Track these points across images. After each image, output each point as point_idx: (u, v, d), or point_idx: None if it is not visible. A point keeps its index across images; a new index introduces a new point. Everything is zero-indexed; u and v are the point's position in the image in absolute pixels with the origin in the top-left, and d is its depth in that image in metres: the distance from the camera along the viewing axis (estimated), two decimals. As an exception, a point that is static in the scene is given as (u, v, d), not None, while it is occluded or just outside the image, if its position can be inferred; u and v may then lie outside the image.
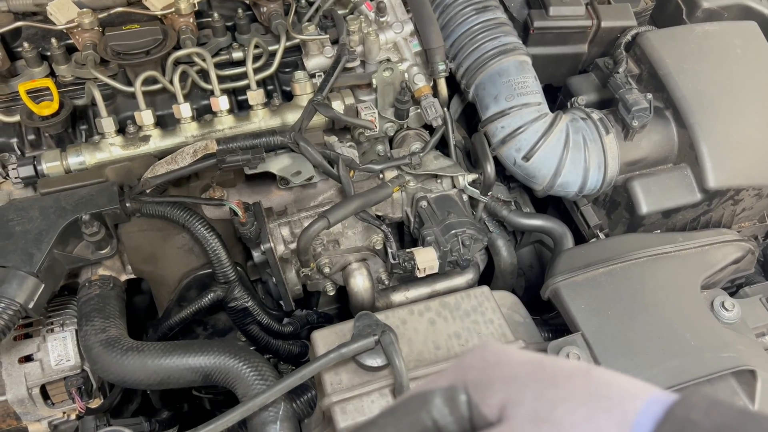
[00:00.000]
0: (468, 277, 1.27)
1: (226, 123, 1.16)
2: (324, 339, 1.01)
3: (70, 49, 1.23)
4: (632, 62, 1.28)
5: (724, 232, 1.16)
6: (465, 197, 1.22)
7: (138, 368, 0.99)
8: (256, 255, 1.08)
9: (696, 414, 0.33)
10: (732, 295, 1.20)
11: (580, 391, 0.37)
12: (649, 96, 1.17)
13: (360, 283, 1.16)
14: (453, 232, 1.14)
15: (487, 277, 1.36)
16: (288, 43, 1.25)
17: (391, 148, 1.33)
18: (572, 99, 1.23)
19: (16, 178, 1.10)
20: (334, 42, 1.24)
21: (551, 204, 1.43)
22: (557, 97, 1.40)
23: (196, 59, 1.17)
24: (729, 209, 1.24)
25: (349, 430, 0.90)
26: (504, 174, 1.29)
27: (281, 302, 1.18)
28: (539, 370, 0.39)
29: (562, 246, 1.19)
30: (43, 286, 1.00)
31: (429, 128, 1.31)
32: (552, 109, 1.23)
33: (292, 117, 1.18)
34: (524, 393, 0.38)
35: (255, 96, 1.17)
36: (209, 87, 1.16)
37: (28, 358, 1.09)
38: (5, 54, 1.20)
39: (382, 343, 0.93)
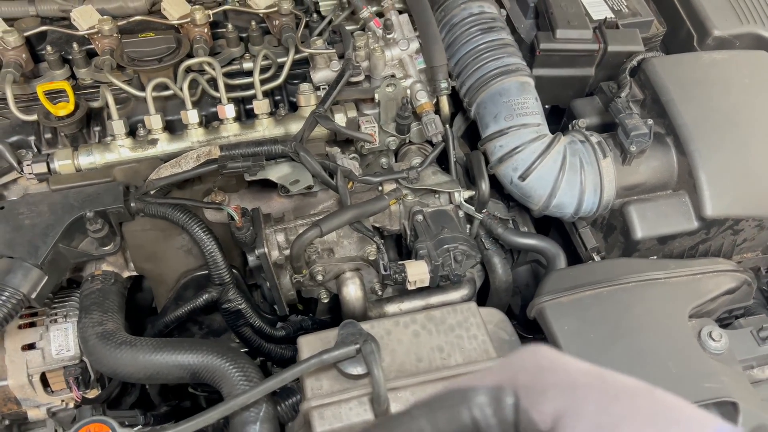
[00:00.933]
0: (463, 292, 1.28)
1: (231, 130, 1.20)
2: (309, 344, 1.03)
3: (91, 54, 1.29)
4: (637, 87, 1.28)
5: (719, 262, 1.15)
6: (461, 213, 1.24)
7: (129, 362, 1.03)
8: (251, 259, 1.11)
9: None
10: (726, 326, 1.19)
11: (647, 410, 0.34)
12: (650, 122, 1.17)
13: (352, 292, 1.18)
14: (445, 246, 1.15)
15: (484, 294, 1.37)
16: (297, 56, 1.29)
17: (396, 162, 1.36)
18: (573, 121, 1.24)
19: (30, 174, 1.16)
20: (342, 56, 1.28)
21: (553, 225, 1.43)
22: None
23: (207, 68, 1.21)
24: (729, 239, 1.23)
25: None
26: (503, 193, 1.31)
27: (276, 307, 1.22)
28: (601, 382, 0.37)
29: (554, 266, 1.19)
30: (47, 277, 1.05)
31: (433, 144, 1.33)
32: (558, 131, 1.24)
33: (295, 127, 1.22)
34: (586, 404, 0.35)
35: (260, 105, 1.21)
36: (218, 95, 1.20)
37: (30, 346, 1.14)
38: (29, 56, 1.26)
39: (363, 352, 0.95)
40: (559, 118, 1.43)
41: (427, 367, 1.00)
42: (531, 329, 1.27)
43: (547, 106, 1.48)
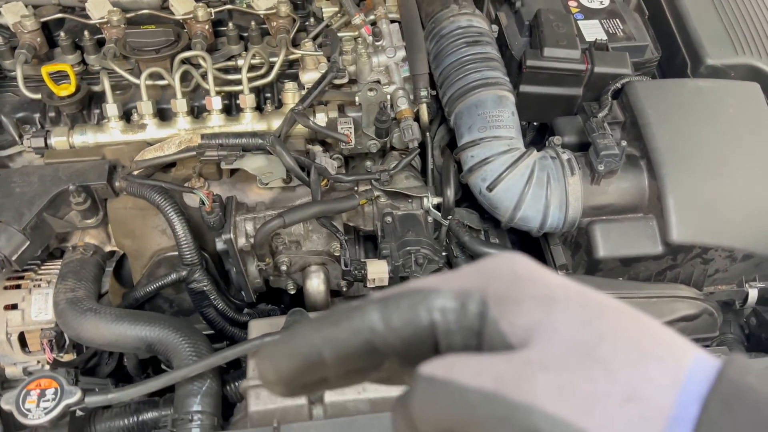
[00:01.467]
0: (431, 298, 1.30)
1: (216, 121, 1.27)
2: (258, 328, 1.08)
3: (101, 42, 1.38)
4: (619, 110, 1.29)
5: (679, 288, 1.14)
6: (430, 219, 1.26)
7: (92, 328, 1.09)
8: (218, 244, 1.17)
9: (753, 379, 0.29)
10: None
11: (632, 330, 0.30)
12: (623, 143, 1.17)
13: (315, 285, 1.22)
14: (408, 249, 1.19)
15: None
16: (290, 57, 1.35)
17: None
18: (548, 138, 1.25)
19: (29, 147, 1.25)
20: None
21: (532, 242, 1.44)
22: (551, 136, 1.42)
23: (201, 61, 1.29)
24: (699, 268, 1.22)
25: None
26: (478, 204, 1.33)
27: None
28: (584, 297, 0.32)
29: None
30: (29, 242, 1.13)
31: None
32: (533, 147, 1.26)
33: (277, 123, 1.27)
34: (564, 319, 0.31)
35: (246, 100, 1.27)
36: (208, 87, 1.27)
37: (13, 306, 1.22)
38: (44, 40, 1.36)
39: (303, 339, 0.99)
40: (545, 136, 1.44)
41: (367, 361, 1.03)
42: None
43: (535, 123, 1.50)
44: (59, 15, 1.37)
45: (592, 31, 1.42)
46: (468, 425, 0.30)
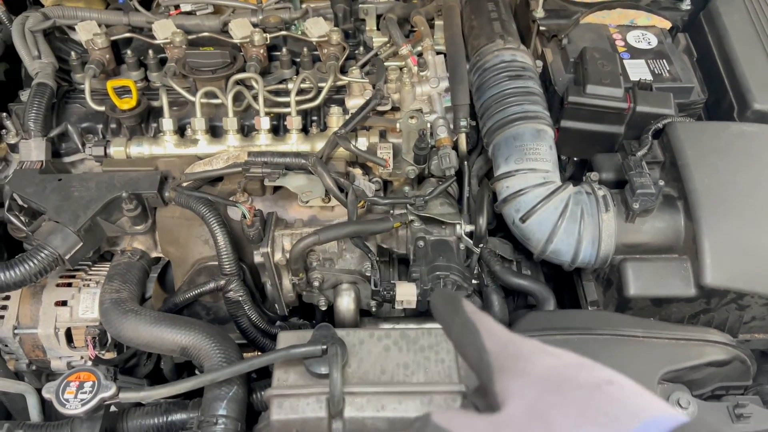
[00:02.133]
0: (460, 325, 1.32)
1: (264, 140, 1.33)
2: (286, 339, 1.11)
3: (163, 61, 1.48)
4: (659, 150, 1.29)
5: (710, 332, 1.12)
6: (462, 246, 1.28)
7: (131, 328, 1.15)
8: (256, 256, 1.22)
9: None
10: (719, 399, 1.15)
11: (582, 401, 0.40)
12: (661, 183, 1.17)
13: (345, 303, 1.26)
14: (437, 273, 1.21)
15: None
16: (338, 83, 1.41)
17: (419, 192, 1.43)
18: (586, 174, 1.26)
19: (90, 155, 1.34)
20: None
21: (565, 275, 1.44)
22: (590, 172, 1.42)
23: (253, 83, 1.36)
24: (734, 314, 1.19)
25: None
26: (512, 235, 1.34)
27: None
28: (554, 376, 0.43)
29: (543, 309, 1.21)
30: (81, 243, 1.21)
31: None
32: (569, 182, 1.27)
33: (321, 145, 1.32)
34: (530, 390, 0.42)
35: (293, 121, 1.33)
36: (258, 107, 1.34)
37: (63, 303, 1.30)
38: (113, 56, 1.46)
39: (328, 353, 1.02)
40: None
41: (389, 380, 1.05)
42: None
43: (575, 159, 1.51)
44: (128, 35, 1.48)
45: (638, 70, 1.43)
46: None
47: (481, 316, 0.51)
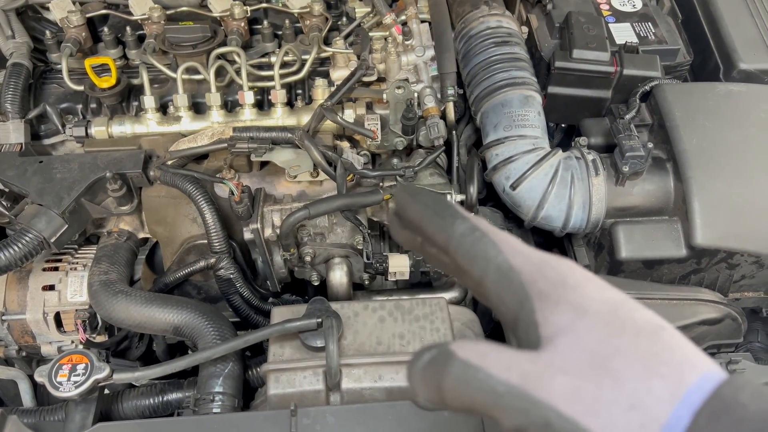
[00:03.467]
0: (453, 294, 1.32)
1: (248, 115, 1.31)
2: (280, 314, 1.10)
3: (142, 38, 1.44)
4: (647, 112, 1.28)
5: (701, 291, 1.13)
6: (453, 216, 1.28)
7: (122, 309, 1.14)
8: (246, 233, 1.20)
9: (744, 396, 0.33)
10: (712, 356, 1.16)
11: (645, 348, 0.36)
12: (650, 145, 1.17)
13: (338, 277, 1.25)
14: (429, 244, 1.20)
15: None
16: (322, 55, 1.39)
17: (407, 163, 1.42)
18: (575, 139, 1.26)
19: (71, 136, 1.31)
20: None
21: (557, 243, 1.44)
22: (578, 138, 1.42)
23: (235, 57, 1.33)
24: (724, 273, 1.20)
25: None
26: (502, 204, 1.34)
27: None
28: (612, 314, 0.37)
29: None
30: (67, 226, 1.18)
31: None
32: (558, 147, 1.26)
33: (307, 118, 1.30)
34: (590, 330, 0.37)
35: (277, 95, 1.31)
36: (242, 82, 1.31)
37: (50, 287, 1.28)
38: (89, 35, 1.42)
39: (323, 326, 1.01)
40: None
41: (385, 351, 1.05)
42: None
43: (563, 125, 1.50)
44: (104, 11, 1.43)
45: (624, 34, 1.42)
46: (491, 410, 0.36)
47: (493, 227, 0.42)
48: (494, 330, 1.27)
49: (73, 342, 1.32)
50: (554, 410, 0.34)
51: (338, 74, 1.36)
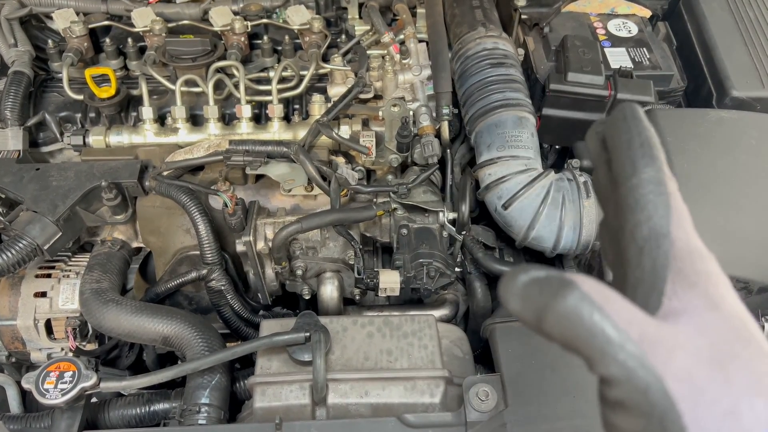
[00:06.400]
0: (443, 312, 1.33)
1: (245, 128, 1.32)
2: (269, 327, 1.11)
3: (143, 50, 1.46)
4: (640, 136, 1.30)
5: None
6: (445, 234, 1.29)
7: (113, 318, 1.14)
8: (238, 245, 1.21)
9: None
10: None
11: (761, 368, 0.35)
12: (641, 169, 1.18)
13: (329, 291, 1.26)
14: (420, 261, 1.21)
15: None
16: (320, 71, 1.40)
17: (402, 180, 1.43)
18: (568, 161, 1.27)
19: (68, 144, 1.32)
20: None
21: (547, 262, 1.45)
22: (572, 160, 1.43)
23: (234, 71, 1.35)
24: (713, 298, 1.21)
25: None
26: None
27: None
28: (741, 323, 0.37)
29: (525, 297, 1.21)
30: (61, 233, 1.19)
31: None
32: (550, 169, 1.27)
33: (303, 133, 1.32)
34: (717, 326, 0.36)
35: (274, 110, 1.32)
36: (239, 95, 1.33)
37: (42, 294, 1.28)
38: (91, 45, 1.44)
39: (311, 340, 1.02)
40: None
41: (372, 367, 1.05)
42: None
43: (557, 147, 1.52)
44: (106, 22, 1.46)
45: (619, 58, 1.44)
46: (593, 352, 0.34)
47: (679, 195, 0.42)
48: (483, 350, 1.27)
49: (63, 349, 1.33)
50: (661, 382, 0.34)
51: (335, 90, 1.37)
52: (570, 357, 1.06)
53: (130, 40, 1.43)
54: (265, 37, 1.45)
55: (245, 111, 1.31)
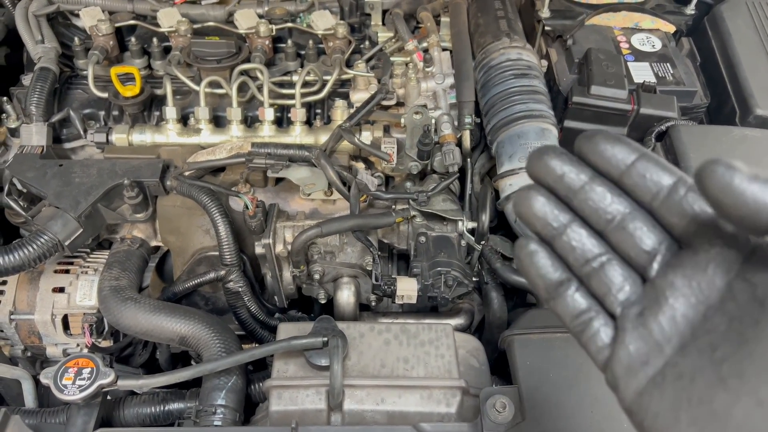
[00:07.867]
0: (459, 321, 1.32)
1: (267, 131, 1.33)
2: (286, 331, 1.11)
3: (167, 50, 1.47)
4: (662, 152, 1.29)
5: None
6: (464, 243, 1.28)
7: (130, 316, 1.15)
8: (257, 248, 1.21)
9: None
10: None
11: None
12: (663, 185, 1.18)
13: (345, 296, 1.26)
14: (438, 269, 1.21)
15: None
16: (343, 77, 1.41)
17: (420, 188, 1.43)
18: (589, 173, 1.26)
19: (91, 141, 1.33)
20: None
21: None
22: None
23: (258, 74, 1.35)
24: (732, 316, 1.20)
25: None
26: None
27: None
28: None
29: (542, 307, 1.21)
30: (82, 230, 1.20)
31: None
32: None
33: (325, 138, 1.32)
34: None
35: (297, 113, 1.32)
36: (262, 98, 1.33)
37: (60, 290, 1.29)
38: (116, 43, 1.45)
39: (329, 345, 1.02)
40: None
41: (388, 374, 1.05)
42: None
43: (577, 159, 1.51)
44: (132, 22, 1.47)
45: (642, 73, 1.44)
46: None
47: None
48: (497, 360, 1.26)
49: (78, 345, 1.33)
50: None
51: (358, 96, 1.37)
52: (588, 372, 1.05)
53: (155, 39, 1.44)
54: (289, 41, 1.45)
55: (268, 114, 1.32)
